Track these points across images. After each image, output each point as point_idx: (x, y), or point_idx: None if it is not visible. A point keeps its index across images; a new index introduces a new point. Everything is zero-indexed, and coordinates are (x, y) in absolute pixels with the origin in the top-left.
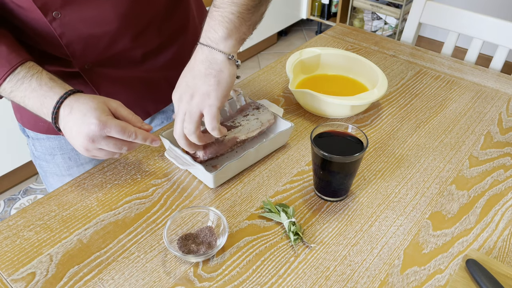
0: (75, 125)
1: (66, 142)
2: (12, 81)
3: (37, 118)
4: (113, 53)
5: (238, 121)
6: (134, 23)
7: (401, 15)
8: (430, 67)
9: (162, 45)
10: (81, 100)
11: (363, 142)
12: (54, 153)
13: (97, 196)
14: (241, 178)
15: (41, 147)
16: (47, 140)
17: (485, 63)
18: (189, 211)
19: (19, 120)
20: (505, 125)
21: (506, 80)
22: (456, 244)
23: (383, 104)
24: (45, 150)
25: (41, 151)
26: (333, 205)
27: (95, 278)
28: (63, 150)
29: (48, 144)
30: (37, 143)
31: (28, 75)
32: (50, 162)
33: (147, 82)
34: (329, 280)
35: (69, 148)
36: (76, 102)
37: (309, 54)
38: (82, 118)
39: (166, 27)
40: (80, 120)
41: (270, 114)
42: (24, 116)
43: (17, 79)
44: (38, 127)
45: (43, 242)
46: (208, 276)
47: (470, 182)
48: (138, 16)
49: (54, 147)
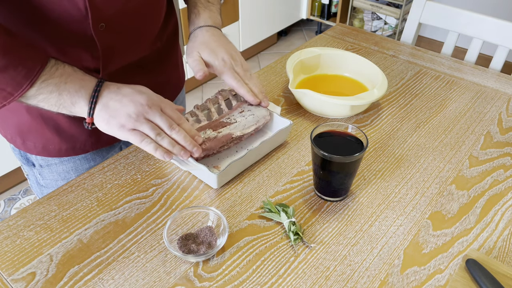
0: (127, 95)
1: (82, 162)
2: (45, 69)
3: (46, 141)
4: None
5: (234, 118)
6: (151, 30)
7: (401, 15)
8: (430, 67)
9: (164, 48)
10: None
11: (363, 142)
12: (68, 177)
13: (97, 196)
14: (241, 178)
15: (51, 173)
16: (60, 164)
17: (485, 63)
18: (189, 211)
19: (20, 146)
20: (505, 125)
21: (506, 80)
22: (456, 244)
23: (383, 104)
24: (57, 176)
25: (51, 178)
26: (333, 205)
27: (95, 278)
28: (78, 171)
29: (61, 169)
30: (45, 171)
31: (60, 62)
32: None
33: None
34: (329, 280)
35: (84, 168)
36: (122, 85)
37: (309, 54)
38: (139, 91)
39: (166, 30)
40: (136, 92)
41: (266, 110)
42: (29, 141)
43: (50, 66)
44: (48, 151)
45: (43, 242)
46: (208, 276)
47: (470, 182)
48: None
49: (69, 170)
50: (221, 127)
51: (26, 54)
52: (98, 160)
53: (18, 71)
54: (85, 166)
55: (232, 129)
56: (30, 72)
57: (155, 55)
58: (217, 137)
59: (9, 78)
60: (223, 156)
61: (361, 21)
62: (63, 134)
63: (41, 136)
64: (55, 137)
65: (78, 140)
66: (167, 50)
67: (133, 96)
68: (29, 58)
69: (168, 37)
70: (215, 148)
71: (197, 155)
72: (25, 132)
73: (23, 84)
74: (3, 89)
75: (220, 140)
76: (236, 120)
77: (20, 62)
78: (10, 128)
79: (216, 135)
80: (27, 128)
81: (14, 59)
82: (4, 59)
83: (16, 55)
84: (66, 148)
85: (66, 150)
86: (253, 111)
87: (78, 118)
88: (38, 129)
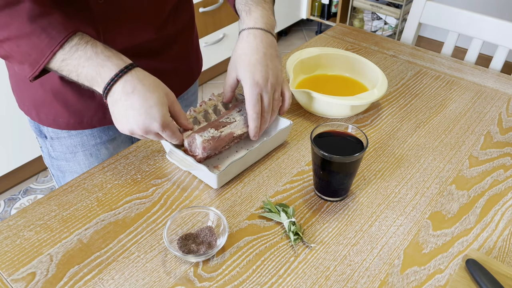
0: (134, 109)
1: (88, 138)
2: (65, 48)
3: (56, 114)
4: (135, 44)
5: (233, 117)
6: (157, 13)
7: (401, 15)
8: (430, 67)
9: (176, 35)
10: (145, 83)
11: (363, 142)
12: (75, 151)
13: (97, 196)
14: (241, 178)
15: (60, 146)
16: (68, 137)
17: (485, 63)
18: (189, 211)
19: (34, 118)
20: (505, 125)
21: (506, 80)
22: (456, 244)
23: (383, 104)
24: (65, 148)
25: (60, 150)
26: (333, 205)
27: (95, 278)
28: (84, 146)
29: (69, 142)
30: (56, 143)
31: (82, 42)
32: (70, 160)
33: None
34: (329, 280)
35: (91, 144)
36: (140, 83)
37: (309, 54)
38: (147, 109)
39: (179, 17)
40: (144, 108)
41: None
42: (42, 113)
43: (70, 46)
44: (58, 123)
45: (43, 242)
46: (208, 276)
47: (470, 182)
48: (162, 4)
49: (76, 144)
50: (222, 127)
51: (51, 24)
52: (104, 138)
53: (41, 39)
54: (91, 143)
55: (233, 128)
56: (53, 41)
57: (164, 40)
58: (220, 136)
59: (33, 45)
60: (223, 156)
61: (361, 21)
62: (71, 108)
63: (52, 109)
64: (64, 111)
65: (85, 115)
66: (180, 38)
67: (138, 115)
68: (54, 28)
69: (182, 26)
70: (218, 148)
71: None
72: (38, 105)
73: (46, 52)
74: (30, 55)
75: (223, 139)
76: (235, 119)
77: (44, 30)
78: (27, 101)
79: (219, 134)
80: (41, 101)
81: (38, 27)
82: (30, 26)
83: (42, 23)
84: (74, 122)
85: (74, 124)
86: None
87: (86, 94)
88: (49, 103)
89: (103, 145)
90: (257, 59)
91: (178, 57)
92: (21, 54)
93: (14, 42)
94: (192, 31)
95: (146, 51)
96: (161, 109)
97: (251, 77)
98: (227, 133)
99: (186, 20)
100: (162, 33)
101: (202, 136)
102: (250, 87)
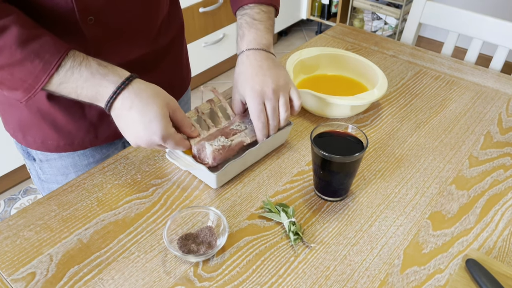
0: (134, 125)
1: (80, 158)
2: (60, 73)
3: (45, 136)
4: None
5: (244, 125)
6: (149, 28)
7: (401, 15)
8: (430, 67)
9: (168, 46)
10: (143, 96)
11: (363, 142)
12: (67, 172)
13: (97, 196)
14: (241, 178)
15: (50, 168)
16: (59, 159)
17: (485, 63)
18: (189, 211)
19: (21, 141)
20: (505, 125)
21: (506, 80)
22: (456, 244)
23: (383, 104)
24: (56, 170)
25: (51, 173)
26: (333, 205)
27: (95, 278)
28: (77, 167)
29: (60, 164)
30: (45, 166)
31: (76, 64)
32: (62, 183)
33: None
34: (329, 280)
35: (83, 164)
36: (137, 97)
37: (309, 54)
38: (146, 125)
39: (170, 28)
40: (143, 124)
41: None
42: (29, 136)
43: (65, 70)
44: (47, 146)
45: (43, 242)
46: (208, 276)
47: (470, 182)
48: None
49: (67, 165)
50: (232, 135)
51: (43, 47)
52: (97, 157)
53: (35, 64)
54: (84, 162)
55: (243, 136)
56: (47, 65)
57: (156, 53)
58: (231, 145)
59: (27, 72)
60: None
61: (361, 21)
62: (60, 130)
63: (40, 131)
64: (53, 133)
65: (76, 137)
66: (171, 50)
67: (138, 130)
68: (46, 51)
69: (173, 37)
70: (228, 157)
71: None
72: (25, 127)
73: (41, 77)
74: (24, 81)
75: (233, 149)
76: (246, 127)
77: (37, 55)
78: (12, 123)
79: (230, 143)
80: (27, 123)
81: (30, 52)
82: (21, 52)
83: (33, 48)
84: (64, 144)
85: (64, 146)
86: None
87: (77, 114)
88: (37, 124)
89: (96, 164)
90: (253, 73)
91: (170, 68)
92: (14, 81)
93: (6, 70)
94: (182, 39)
95: (140, 66)
96: (161, 122)
97: (250, 89)
98: (237, 142)
99: (176, 30)
100: (154, 47)
101: (213, 145)
102: (251, 98)
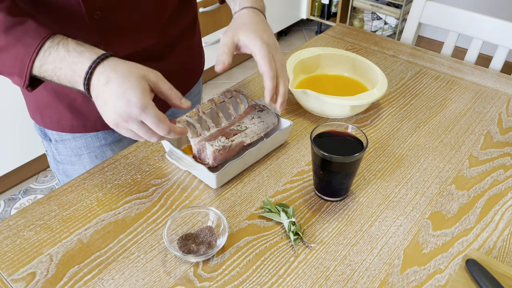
0: (111, 99)
1: (93, 139)
2: (39, 54)
3: (60, 116)
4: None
5: (245, 125)
6: (158, 19)
7: (401, 15)
8: (430, 67)
9: (178, 37)
10: (119, 70)
11: (363, 142)
12: (80, 153)
13: (97, 196)
14: (241, 178)
15: (65, 149)
16: (73, 140)
17: (485, 63)
18: (189, 211)
19: (39, 122)
20: (505, 125)
21: (506, 80)
22: (456, 244)
23: (383, 104)
24: (70, 151)
25: (65, 153)
26: (333, 205)
27: (95, 278)
28: (89, 149)
29: (73, 145)
30: (60, 146)
31: (54, 44)
32: (76, 164)
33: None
34: (329, 280)
35: (95, 146)
36: (113, 71)
37: (309, 54)
38: (122, 95)
39: (181, 19)
40: (119, 96)
41: (274, 116)
42: (46, 116)
43: (44, 50)
44: (62, 126)
45: (43, 242)
46: (208, 276)
47: (470, 182)
48: (161, 10)
49: (81, 146)
50: (233, 135)
51: (25, 32)
52: (109, 140)
53: (18, 49)
54: (96, 144)
55: (243, 137)
56: (29, 49)
57: (167, 42)
58: (231, 146)
59: (13, 57)
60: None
61: (361, 21)
62: (75, 110)
63: (55, 112)
64: (68, 113)
65: (89, 118)
66: (183, 38)
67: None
68: (28, 36)
69: (185, 27)
70: (228, 158)
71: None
72: (42, 107)
73: (26, 61)
74: (14, 66)
75: (233, 149)
76: (247, 127)
77: (19, 40)
78: (32, 104)
79: (230, 143)
80: (44, 103)
81: (13, 38)
82: (5, 38)
83: (16, 33)
84: (78, 125)
85: (78, 127)
86: (263, 117)
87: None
88: (53, 105)
89: (108, 146)
90: (260, 28)
91: (181, 58)
92: (7, 67)
93: None
94: (194, 30)
95: (149, 56)
96: (136, 90)
97: (259, 38)
98: (238, 142)
99: (188, 21)
100: (164, 37)
101: (213, 146)
102: (261, 46)
